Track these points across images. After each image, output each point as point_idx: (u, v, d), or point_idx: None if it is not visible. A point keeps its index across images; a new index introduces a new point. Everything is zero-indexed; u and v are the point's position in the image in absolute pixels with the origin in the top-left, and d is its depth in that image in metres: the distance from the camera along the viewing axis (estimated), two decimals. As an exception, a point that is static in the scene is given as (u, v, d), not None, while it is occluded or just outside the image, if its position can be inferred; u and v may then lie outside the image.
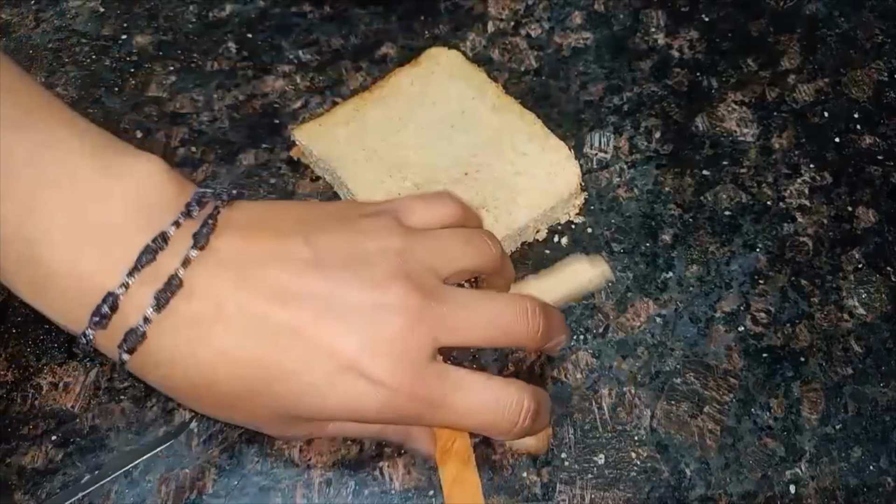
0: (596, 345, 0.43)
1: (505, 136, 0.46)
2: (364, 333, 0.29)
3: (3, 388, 0.41)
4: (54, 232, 0.28)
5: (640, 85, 0.52)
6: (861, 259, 0.46)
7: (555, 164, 0.45)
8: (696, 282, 0.45)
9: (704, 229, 0.47)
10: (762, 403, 0.41)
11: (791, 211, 0.47)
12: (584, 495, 0.39)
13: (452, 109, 0.48)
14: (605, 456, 0.40)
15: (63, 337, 0.42)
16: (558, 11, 0.55)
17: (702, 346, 0.43)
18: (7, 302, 0.43)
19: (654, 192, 0.48)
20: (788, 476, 0.39)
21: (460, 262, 0.34)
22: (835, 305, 0.44)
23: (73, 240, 0.28)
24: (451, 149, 0.46)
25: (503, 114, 0.47)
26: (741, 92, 0.52)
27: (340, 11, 0.55)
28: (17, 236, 0.27)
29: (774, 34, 0.55)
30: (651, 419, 0.41)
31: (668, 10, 0.55)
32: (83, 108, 0.50)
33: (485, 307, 0.32)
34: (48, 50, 0.53)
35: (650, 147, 0.50)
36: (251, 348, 0.29)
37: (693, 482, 0.39)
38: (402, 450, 0.39)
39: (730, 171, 0.49)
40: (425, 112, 0.47)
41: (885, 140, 0.50)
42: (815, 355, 0.43)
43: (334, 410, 0.30)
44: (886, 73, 0.53)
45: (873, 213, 0.47)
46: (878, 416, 0.41)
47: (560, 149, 0.46)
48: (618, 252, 0.46)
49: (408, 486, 0.39)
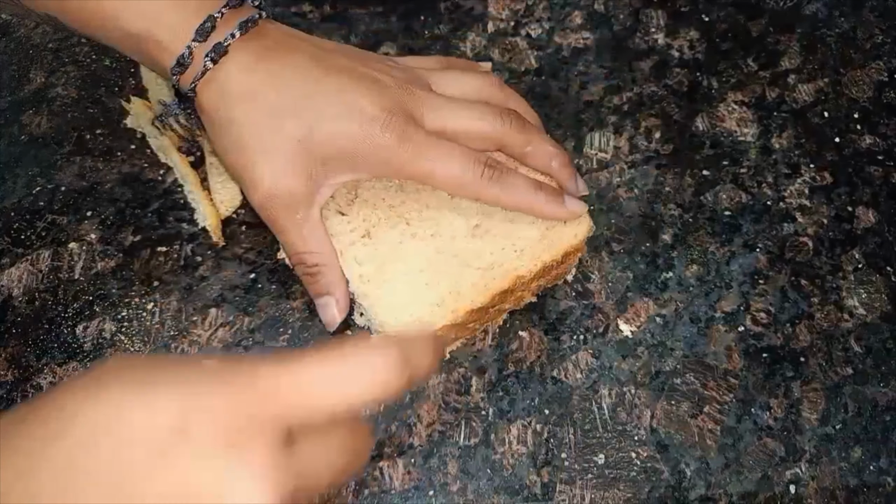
0: (596, 345, 0.43)
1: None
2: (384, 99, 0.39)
3: (3, 388, 0.41)
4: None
5: (640, 85, 0.52)
6: (861, 259, 0.46)
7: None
8: (696, 282, 0.45)
9: (704, 229, 0.47)
10: (762, 403, 0.41)
11: (791, 211, 0.47)
12: (584, 495, 0.39)
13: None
14: (605, 456, 0.40)
15: (63, 337, 0.42)
16: (558, 11, 0.55)
17: (702, 346, 0.43)
18: (7, 302, 0.43)
19: (654, 192, 0.48)
20: (788, 476, 0.40)
21: (457, 84, 0.42)
22: (835, 305, 0.44)
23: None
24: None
25: None
26: (741, 92, 0.52)
27: (340, 11, 0.55)
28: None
29: (774, 34, 0.55)
30: (651, 419, 0.41)
31: (668, 10, 0.55)
32: (83, 108, 0.50)
33: (464, 103, 0.41)
34: (48, 50, 0.53)
35: (650, 147, 0.50)
36: (300, 73, 0.39)
37: (693, 482, 0.39)
38: (401, 450, 0.39)
39: (730, 171, 0.49)
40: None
41: (885, 140, 0.50)
42: (815, 355, 0.43)
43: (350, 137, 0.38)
44: (886, 73, 0.53)
45: (873, 213, 0.47)
46: (878, 416, 0.41)
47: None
48: (618, 252, 0.46)
49: (408, 486, 0.39)
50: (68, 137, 0.49)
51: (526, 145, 0.42)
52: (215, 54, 0.38)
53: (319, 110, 0.38)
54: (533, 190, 0.41)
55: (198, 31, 0.38)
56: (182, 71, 0.38)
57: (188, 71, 0.38)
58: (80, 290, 0.44)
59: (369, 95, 0.38)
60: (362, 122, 0.38)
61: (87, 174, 0.47)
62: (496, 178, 0.40)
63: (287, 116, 0.38)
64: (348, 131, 0.38)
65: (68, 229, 0.45)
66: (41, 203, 0.46)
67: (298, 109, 0.38)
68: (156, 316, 0.43)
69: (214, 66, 0.38)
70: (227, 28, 0.38)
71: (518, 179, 0.41)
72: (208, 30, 0.38)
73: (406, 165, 0.39)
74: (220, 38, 0.38)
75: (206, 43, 0.38)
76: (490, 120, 0.40)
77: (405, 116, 0.39)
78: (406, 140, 0.38)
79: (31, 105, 0.50)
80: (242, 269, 0.44)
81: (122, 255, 0.45)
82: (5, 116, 0.50)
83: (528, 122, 0.42)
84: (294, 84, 0.38)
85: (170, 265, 0.44)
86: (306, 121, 0.38)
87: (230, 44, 0.38)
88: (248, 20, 0.38)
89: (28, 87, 0.51)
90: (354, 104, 0.38)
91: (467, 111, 0.40)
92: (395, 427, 0.40)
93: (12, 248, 0.45)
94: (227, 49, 0.38)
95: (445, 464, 0.39)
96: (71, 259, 0.45)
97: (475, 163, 0.39)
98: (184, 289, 0.44)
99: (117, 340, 0.42)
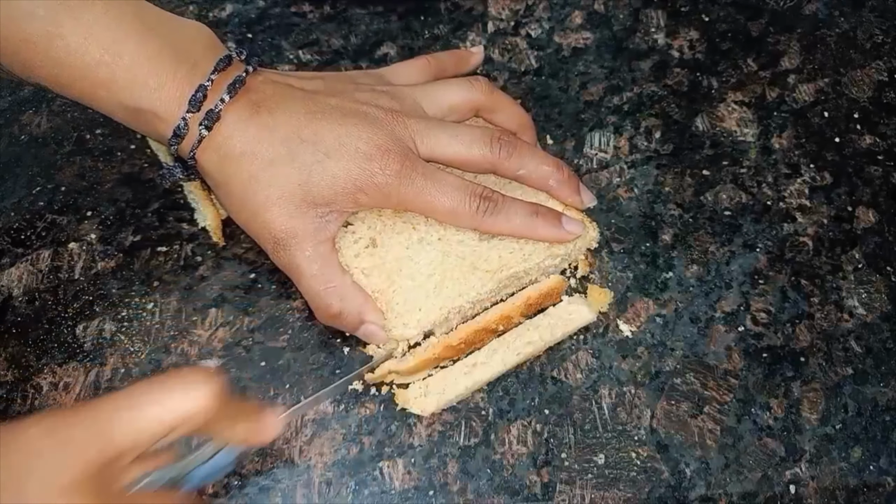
0: (596, 345, 0.43)
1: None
2: (377, 136, 0.40)
3: (3, 388, 0.41)
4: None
5: (640, 85, 0.52)
6: (861, 259, 0.46)
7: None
8: (696, 282, 0.45)
9: (704, 229, 0.47)
10: (762, 403, 0.41)
11: (791, 211, 0.47)
12: (584, 495, 0.39)
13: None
14: (605, 456, 0.40)
15: (63, 337, 0.42)
16: (558, 11, 0.55)
17: (702, 346, 0.43)
18: (7, 302, 0.43)
19: (654, 192, 0.48)
20: (788, 476, 0.39)
21: (445, 98, 0.43)
22: (835, 305, 0.44)
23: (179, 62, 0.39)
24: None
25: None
26: (741, 92, 0.52)
27: (340, 11, 0.55)
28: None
29: (774, 34, 0.55)
30: (651, 419, 0.41)
31: (668, 10, 0.55)
32: (83, 108, 0.50)
33: (455, 129, 0.42)
34: (48, 50, 0.53)
35: (650, 147, 0.50)
36: (293, 121, 0.39)
37: (693, 482, 0.39)
38: (401, 450, 0.39)
39: (730, 171, 0.49)
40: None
41: (885, 140, 0.50)
42: (815, 355, 0.43)
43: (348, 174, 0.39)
44: (886, 73, 0.53)
45: (873, 213, 0.47)
46: (878, 416, 0.41)
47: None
48: (618, 252, 0.46)
49: (408, 486, 0.39)
50: (68, 137, 0.49)
51: (518, 169, 0.43)
52: (209, 121, 0.38)
53: (315, 154, 0.39)
54: (530, 216, 0.41)
55: (190, 102, 0.38)
56: (179, 141, 0.39)
57: (185, 140, 0.39)
58: (80, 290, 0.44)
59: (363, 134, 0.39)
60: (360, 162, 0.39)
61: (87, 174, 0.47)
62: (491, 210, 0.41)
63: (283, 164, 0.39)
64: (347, 171, 0.39)
65: (68, 229, 0.45)
66: (41, 203, 0.46)
67: (294, 156, 0.39)
68: (156, 316, 0.43)
69: (209, 132, 0.39)
70: (216, 94, 0.39)
71: (514, 207, 0.41)
72: (200, 100, 0.38)
73: (405, 201, 0.40)
74: (212, 105, 0.39)
75: (199, 112, 0.39)
76: (479, 148, 0.42)
77: (401, 151, 0.40)
78: (404, 177, 0.39)
79: (31, 105, 0.50)
80: (242, 269, 0.44)
81: (122, 255, 0.45)
82: (5, 116, 0.50)
83: (519, 143, 0.43)
84: (287, 133, 0.39)
85: (170, 265, 0.44)
86: (304, 165, 0.39)
87: (221, 109, 0.39)
88: (235, 81, 0.39)
89: (28, 87, 0.51)
90: (350, 145, 0.39)
91: (457, 140, 0.41)
92: (395, 427, 0.40)
93: (12, 248, 0.45)
94: (219, 115, 0.39)
95: (445, 464, 0.39)
96: (71, 259, 0.45)
97: (471, 196, 0.40)
98: (184, 289, 0.44)
99: (117, 340, 0.42)
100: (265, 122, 0.39)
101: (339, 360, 0.42)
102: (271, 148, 0.39)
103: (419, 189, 0.40)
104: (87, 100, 0.39)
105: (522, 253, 0.42)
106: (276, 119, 0.39)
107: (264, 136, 0.39)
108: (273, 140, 0.39)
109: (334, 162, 0.39)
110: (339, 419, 0.40)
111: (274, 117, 0.39)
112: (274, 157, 0.39)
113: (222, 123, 0.39)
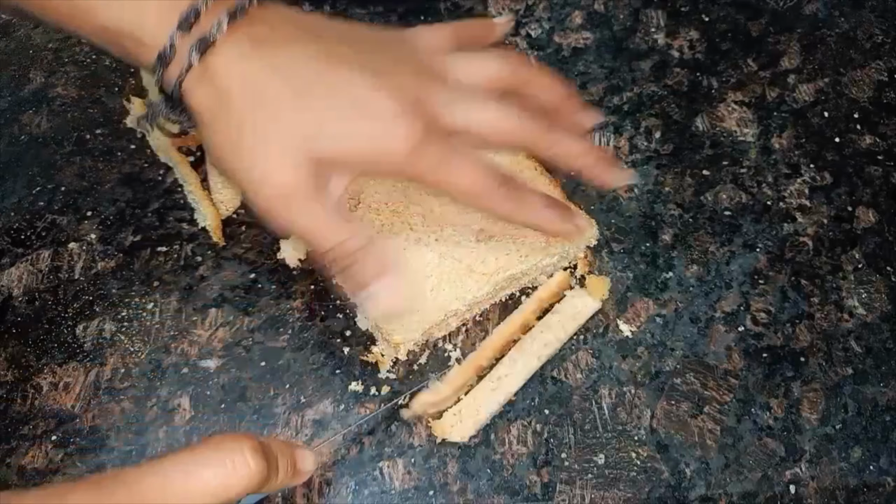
0: (596, 345, 0.43)
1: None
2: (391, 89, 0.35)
3: (3, 388, 0.41)
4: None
5: (640, 85, 0.52)
6: (861, 259, 0.46)
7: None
8: (696, 282, 0.45)
9: (704, 229, 0.47)
10: (762, 403, 0.41)
11: (791, 211, 0.47)
12: (584, 495, 0.39)
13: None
14: (605, 456, 0.40)
15: (63, 337, 0.42)
16: (558, 11, 0.55)
17: (702, 346, 0.43)
18: (7, 302, 0.43)
19: (654, 192, 0.48)
20: (788, 476, 0.39)
21: (481, 70, 0.38)
22: (835, 305, 0.44)
23: None
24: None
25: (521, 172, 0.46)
26: (741, 92, 0.52)
27: (340, 11, 0.55)
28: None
29: (774, 34, 0.55)
30: (651, 419, 0.41)
31: (668, 10, 0.55)
32: (83, 108, 0.50)
33: (486, 98, 0.37)
34: (48, 50, 0.53)
35: (650, 147, 0.50)
36: (301, 63, 0.35)
37: (693, 482, 0.39)
38: (401, 450, 0.39)
39: (730, 171, 0.49)
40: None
41: (885, 140, 0.50)
42: (815, 355, 0.43)
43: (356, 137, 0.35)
44: (886, 73, 0.53)
45: (873, 213, 0.47)
46: (878, 416, 0.41)
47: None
48: (618, 252, 0.46)
49: (408, 486, 0.39)
50: (68, 137, 0.49)
51: (551, 147, 0.38)
52: (201, 46, 0.34)
53: (325, 106, 0.34)
54: (544, 207, 0.39)
55: (180, 21, 0.34)
56: (165, 67, 0.35)
57: (172, 66, 0.34)
58: (80, 290, 0.44)
59: (382, 92, 0.35)
60: (375, 124, 0.35)
61: (87, 174, 0.47)
62: (510, 195, 0.37)
63: (287, 109, 0.34)
64: (362, 132, 0.35)
65: (68, 229, 0.45)
66: (41, 203, 0.46)
67: (301, 103, 0.34)
68: (156, 316, 0.43)
69: (200, 60, 0.34)
70: (213, 17, 0.34)
71: (531, 196, 0.39)
72: (192, 20, 0.34)
73: (423, 173, 0.36)
74: (206, 29, 0.34)
75: (189, 35, 0.34)
76: (516, 119, 0.37)
77: (422, 118, 0.35)
78: (423, 149, 0.35)
79: (31, 105, 0.50)
80: (242, 269, 0.44)
81: (122, 255, 0.45)
82: (5, 116, 0.50)
83: (552, 124, 0.38)
84: (294, 76, 0.34)
85: (170, 265, 0.44)
86: (314, 118, 0.34)
87: (217, 36, 0.34)
88: (236, 8, 0.34)
89: (28, 87, 0.51)
90: (366, 103, 0.35)
91: (487, 110, 0.37)
92: (395, 427, 0.40)
93: (12, 248, 0.45)
94: (213, 41, 0.34)
95: (445, 464, 0.39)
96: (71, 259, 0.45)
97: (492, 178, 0.37)
98: (184, 289, 0.44)
99: (117, 340, 0.42)
100: (268, 59, 0.34)
101: (339, 361, 0.42)
102: (273, 88, 0.34)
103: (439, 161, 0.35)
104: (65, 22, 0.35)
105: (519, 254, 0.42)
106: (282, 59, 0.35)
107: (266, 73, 0.34)
108: (277, 79, 0.34)
109: (346, 120, 0.34)
110: (339, 419, 0.40)
111: (280, 55, 0.35)
112: (275, 97, 0.34)
113: (218, 54, 0.34)
